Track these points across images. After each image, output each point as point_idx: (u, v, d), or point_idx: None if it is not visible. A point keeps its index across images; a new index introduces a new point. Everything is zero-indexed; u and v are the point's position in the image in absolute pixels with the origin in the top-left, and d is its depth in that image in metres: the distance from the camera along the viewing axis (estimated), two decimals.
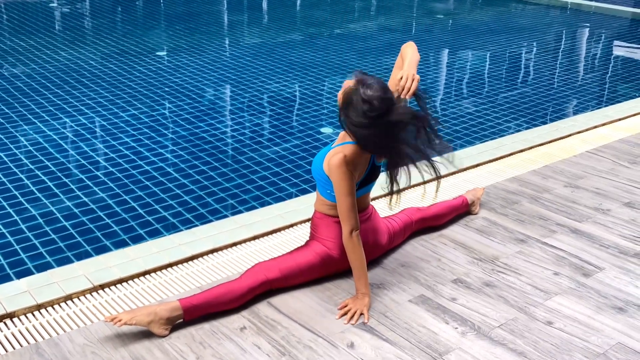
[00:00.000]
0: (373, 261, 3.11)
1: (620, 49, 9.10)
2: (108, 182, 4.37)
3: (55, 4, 10.68)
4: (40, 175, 4.43)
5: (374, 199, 3.80)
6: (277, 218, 3.54)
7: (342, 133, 2.87)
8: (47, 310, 2.73)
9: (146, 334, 2.57)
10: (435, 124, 2.78)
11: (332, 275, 2.99)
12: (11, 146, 4.89)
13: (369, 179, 2.90)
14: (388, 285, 2.96)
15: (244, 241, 3.33)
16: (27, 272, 3.28)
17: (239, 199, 4.23)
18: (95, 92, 6.25)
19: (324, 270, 2.93)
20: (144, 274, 3.01)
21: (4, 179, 4.34)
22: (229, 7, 11.38)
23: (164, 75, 6.89)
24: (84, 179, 4.41)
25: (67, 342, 2.53)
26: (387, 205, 2.95)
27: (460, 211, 3.59)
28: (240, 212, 3.95)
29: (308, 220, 3.50)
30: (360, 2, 12.29)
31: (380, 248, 3.10)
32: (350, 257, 2.80)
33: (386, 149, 2.69)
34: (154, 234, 3.72)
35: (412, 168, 2.78)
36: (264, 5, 11.72)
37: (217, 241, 3.28)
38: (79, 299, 2.81)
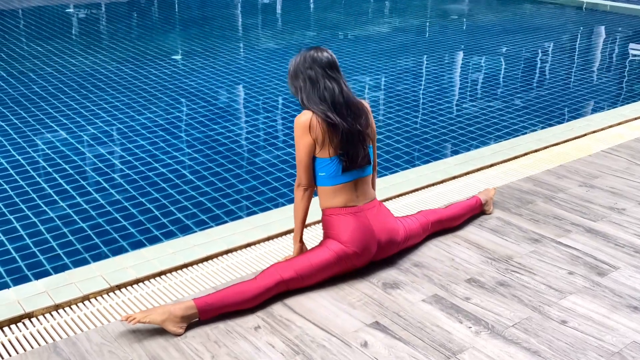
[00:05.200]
0: (386, 260, 3.12)
1: (636, 49, 9.04)
2: (124, 184, 4.42)
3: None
4: (58, 178, 4.49)
5: (386, 199, 3.81)
6: (291, 219, 3.55)
7: None
8: (64, 310, 2.77)
9: (162, 333, 2.60)
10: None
11: (347, 274, 3.00)
12: (29, 150, 4.96)
13: (352, 161, 2.92)
14: (402, 285, 2.97)
15: (259, 242, 3.35)
16: (45, 273, 3.33)
17: (253, 200, 4.26)
18: (112, 95, 6.31)
19: (339, 267, 2.94)
20: (159, 274, 3.04)
21: (22, 182, 4.40)
22: (243, 11, 11.44)
23: (179, 78, 6.95)
24: (101, 181, 4.46)
25: (85, 342, 2.57)
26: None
27: (476, 211, 3.59)
28: (254, 213, 3.97)
29: None
30: (374, 4, 12.31)
31: (394, 245, 3.10)
32: (294, 207, 3.02)
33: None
34: (170, 235, 3.76)
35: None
36: (278, 8, 11.77)
37: (231, 242, 3.31)
38: (96, 299, 2.85)
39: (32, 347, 2.54)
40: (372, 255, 3.01)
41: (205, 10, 11.31)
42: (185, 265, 3.12)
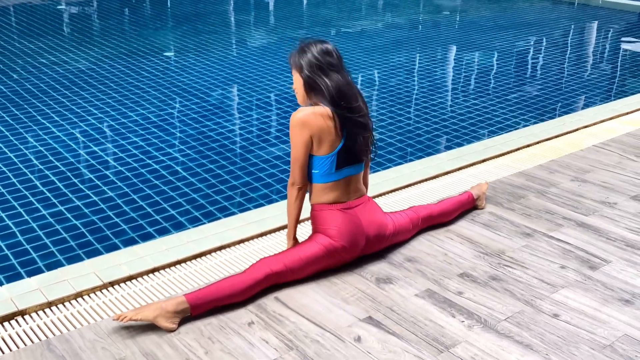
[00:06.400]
0: (379, 255, 3.13)
1: (628, 44, 9.07)
2: (117, 181, 4.42)
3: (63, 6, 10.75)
4: (50, 175, 4.48)
5: (379, 195, 3.82)
6: (284, 215, 3.56)
7: None
8: (57, 308, 2.77)
9: (155, 330, 2.60)
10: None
11: (339, 269, 3.01)
12: (21, 147, 4.94)
13: (347, 158, 2.94)
14: (395, 280, 2.98)
15: (252, 238, 3.35)
16: (38, 271, 3.32)
17: (246, 196, 4.26)
18: (104, 92, 6.30)
19: (328, 261, 2.95)
20: (152, 271, 3.04)
21: (14, 180, 4.39)
22: (236, 7, 11.42)
23: (172, 75, 6.94)
24: (94, 178, 4.46)
25: (78, 338, 2.56)
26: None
27: (467, 207, 3.60)
28: (248, 209, 3.98)
29: None
30: (367, 0, 12.30)
31: (383, 240, 3.10)
32: (287, 206, 3.02)
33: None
34: (163, 231, 3.76)
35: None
36: (270, 4, 11.75)
37: (225, 238, 3.31)
38: (89, 296, 2.85)
39: (25, 345, 2.54)
40: (360, 250, 3.02)
41: (198, 6, 11.29)
42: (179, 262, 3.12)
